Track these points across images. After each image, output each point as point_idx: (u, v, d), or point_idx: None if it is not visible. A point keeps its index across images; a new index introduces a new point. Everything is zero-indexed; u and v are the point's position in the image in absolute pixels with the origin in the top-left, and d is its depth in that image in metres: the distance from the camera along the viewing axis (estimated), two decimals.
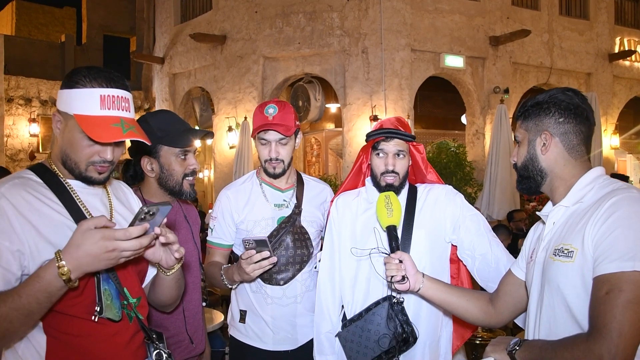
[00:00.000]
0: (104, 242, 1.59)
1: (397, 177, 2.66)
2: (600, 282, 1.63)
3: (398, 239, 2.34)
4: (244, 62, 11.19)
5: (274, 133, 2.80)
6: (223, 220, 2.93)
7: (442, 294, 2.31)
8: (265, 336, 2.86)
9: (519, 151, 2.04)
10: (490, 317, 2.27)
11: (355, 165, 2.86)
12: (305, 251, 2.85)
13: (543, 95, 1.97)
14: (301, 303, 2.88)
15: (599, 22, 13.11)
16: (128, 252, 1.65)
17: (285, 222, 2.85)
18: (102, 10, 18.46)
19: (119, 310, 1.83)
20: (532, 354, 1.84)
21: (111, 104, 1.82)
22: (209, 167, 15.38)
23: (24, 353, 1.76)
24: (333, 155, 13.93)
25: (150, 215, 1.67)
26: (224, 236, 2.95)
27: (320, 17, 10.57)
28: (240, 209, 2.90)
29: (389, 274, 2.25)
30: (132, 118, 1.87)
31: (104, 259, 1.61)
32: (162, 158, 2.56)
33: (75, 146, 1.84)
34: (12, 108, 13.88)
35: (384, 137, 2.65)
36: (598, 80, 12.99)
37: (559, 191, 1.94)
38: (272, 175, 2.88)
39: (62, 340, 1.77)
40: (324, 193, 3.07)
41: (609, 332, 1.56)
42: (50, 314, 1.74)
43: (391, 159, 2.65)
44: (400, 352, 2.50)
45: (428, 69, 10.84)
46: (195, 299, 2.78)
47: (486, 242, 2.58)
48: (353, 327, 2.59)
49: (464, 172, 10.00)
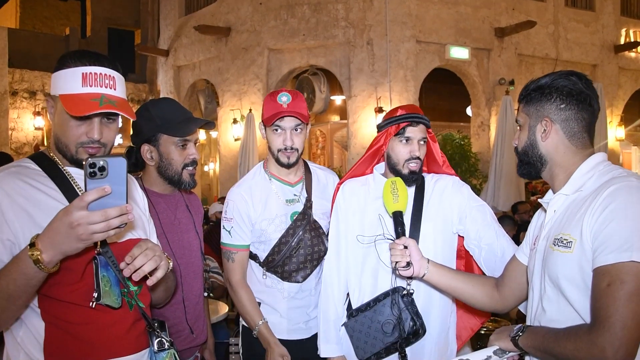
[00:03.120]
0: (66, 217, 1.49)
1: (420, 163, 2.61)
2: (601, 273, 1.62)
3: (404, 224, 2.31)
4: (249, 54, 11.17)
5: (290, 120, 2.73)
6: (241, 220, 2.81)
7: (447, 279, 2.30)
8: (280, 326, 2.83)
9: (520, 135, 2.01)
10: (496, 302, 2.26)
11: (370, 150, 2.76)
12: (322, 247, 2.81)
13: (546, 78, 1.92)
14: (315, 295, 2.86)
15: (605, 13, 13.04)
16: (96, 225, 1.49)
17: (299, 219, 2.79)
18: (106, 3, 18.48)
19: (118, 297, 1.82)
20: (534, 341, 1.84)
21: (93, 81, 1.79)
22: (214, 160, 15.41)
23: (22, 340, 1.78)
24: (338, 148, 13.94)
25: (100, 170, 1.50)
26: (244, 236, 2.84)
27: (325, 9, 10.54)
28: (256, 208, 2.82)
29: (394, 260, 2.23)
30: (118, 96, 1.84)
31: (73, 236, 1.50)
32: (161, 147, 2.55)
33: (63, 127, 1.84)
34: (16, 101, 13.93)
35: (410, 122, 2.59)
36: (603, 71, 12.94)
37: (559, 179, 1.92)
38: (286, 165, 2.79)
39: (61, 327, 1.77)
40: (330, 182, 3.01)
41: (612, 324, 1.55)
42: (48, 300, 1.74)
43: (417, 145, 2.60)
44: (409, 344, 2.49)
45: (433, 61, 10.81)
46: (195, 289, 2.76)
47: (492, 233, 2.56)
48: (361, 317, 2.57)
49: (469, 164, 10.00)
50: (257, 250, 2.84)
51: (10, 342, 1.81)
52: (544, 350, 1.79)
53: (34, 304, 1.77)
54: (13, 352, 1.80)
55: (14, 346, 1.80)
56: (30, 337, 1.77)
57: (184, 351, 2.66)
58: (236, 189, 2.89)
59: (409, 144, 2.60)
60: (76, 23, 20.69)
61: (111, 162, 1.51)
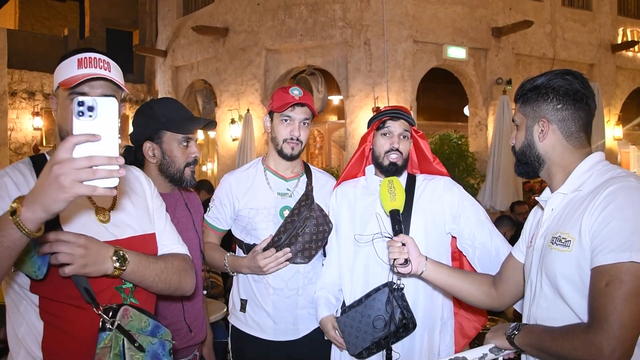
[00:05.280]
0: (49, 163, 1.35)
1: (401, 157, 2.67)
2: (599, 273, 1.63)
3: (401, 222, 2.35)
4: (246, 54, 11.18)
5: (301, 112, 2.81)
6: (220, 204, 2.94)
7: (445, 277, 2.31)
8: (266, 326, 2.85)
9: (517, 135, 2.03)
10: (493, 300, 2.27)
11: (357, 151, 2.86)
12: (326, 227, 2.84)
13: (542, 78, 1.94)
14: (302, 295, 2.87)
15: (602, 12, 13.04)
16: (81, 172, 1.33)
17: (302, 199, 2.84)
18: (104, 4, 18.44)
19: (38, 269, 1.71)
20: (530, 339, 1.85)
21: (88, 63, 1.83)
22: (212, 160, 15.40)
23: (23, 337, 1.81)
24: (336, 147, 13.96)
25: (89, 110, 1.37)
26: (218, 220, 2.97)
27: (323, 9, 10.54)
28: (241, 196, 2.88)
29: (392, 257, 2.25)
30: (113, 77, 1.85)
31: (55, 185, 1.33)
32: (164, 144, 2.58)
33: (64, 116, 1.86)
34: (15, 102, 13.93)
35: (390, 117, 2.67)
36: (601, 71, 12.94)
37: (557, 178, 1.93)
38: (289, 156, 2.85)
39: (58, 325, 1.78)
40: (329, 185, 3.04)
41: (610, 324, 1.56)
42: (46, 300, 1.77)
43: (396, 137, 2.66)
44: (399, 338, 2.52)
45: (430, 61, 10.80)
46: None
47: (486, 231, 2.59)
48: (352, 312, 2.59)
49: (466, 164, 10.00)
50: (245, 238, 2.91)
51: (13, 339, 1.84)
52: (540, 349, 1.80)
53: (34, 302, 1.79)
54: (15, 348, 1.84)
55: (16, 342, 1.83)
56: (30, 334, 1.80)
57: (183, 350, 2.66)
58: (228, 175, 3.00)
59: (389, 136, 2.67)
60: (74, 24, 20.68)
61: (101, 102, 1.38)
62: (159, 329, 1.90)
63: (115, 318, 1.74)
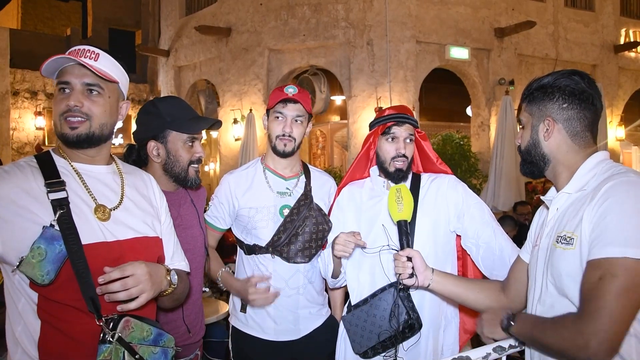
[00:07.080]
0: None
1: (406, 161, 2.67)
2: (594, 266, 1.63)
3: (409, 234, 2.32)
4: (249, 54, 11.18)
5: (294, 107, 2.82)
6: (219, 204, 2.95)
7: (452, 287, 2.30)
8: (267, 326, 2.85)
9: (523, 134, 2.03)
10: (503, 305, 2.24)
11: (361, 152, 2.84)
12: (325, 226, 2.85)
13: (549, 78, 1.94)
14: (303, 295, 2.87)
15: (605, 13, 13.05)
16: None
17: (301, 199, 2.85)
18: (107, 4, 18.48)
19: (46, 275, 1.71)
20: (524, 329, 1.87)
21: (75, 53, 1.87)
22: (215, 160, 15.40)
23: (20, 335, 1.80)
24: (338, 148, 13.95)
25: None
26: (217, 219, 2.98)
27: (325, 9, 10.54)
28: (241, 195, 2.89)
29: (397, 272, 2.24)
30: (97, 67, 1.87)
31: None
32: (169, 143, 2.55)
33: (54, 106, 1.89)
34: (18, 101, 13.93)
35: (395, 121, 2.66)
36: (603, 72, 12.94)
37: (562, 177, 1.93)
38: (282, 153, 2.86)
39: (55, 325, 1.78)
40: (327, 185, 3.05)
41: (600, 317, 1.56)
42: (46, 300, 1.76)
43: (402, 143, 2.66)
44: (405, 338, 2.50)
45: (433, 61, 10.81)
46: (194, 285, 2.71)
47: (490, 230, 2.58)
48: (358, 311, 2.59)
49: (469, 164, 9.98)
50: (246, 239, 2.91)
51: (10, 337, 1.83)
52: (532, 339, 1.82)
53: (33, 299, 1.77)
54: (12, 347, 1.83)
55: (14, 341, 1.82)
56: (27, 334, 1.79)
57: (182, 350, 2.63)
58: (227, 175, 3.01)
59: (395, 142, 2.67)
60: (77, 24, 20.74)
61: None
62: (162, 336, 1.91)
63: (116, 330, 1.74)
